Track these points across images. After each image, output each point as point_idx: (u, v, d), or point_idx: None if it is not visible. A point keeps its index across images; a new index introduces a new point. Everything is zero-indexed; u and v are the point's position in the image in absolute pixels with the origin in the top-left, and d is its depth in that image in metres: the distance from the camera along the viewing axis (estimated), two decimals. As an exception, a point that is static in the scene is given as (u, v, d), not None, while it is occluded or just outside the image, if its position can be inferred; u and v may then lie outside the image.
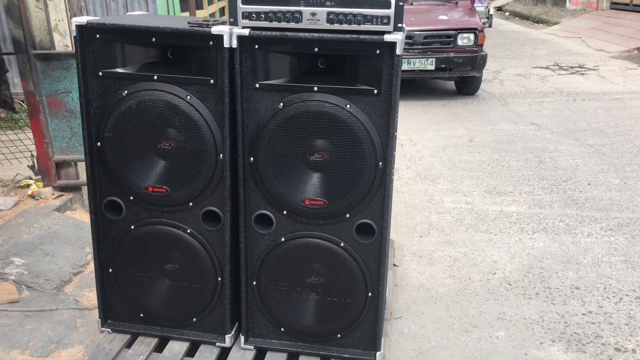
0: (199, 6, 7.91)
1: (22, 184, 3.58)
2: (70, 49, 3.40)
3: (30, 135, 4.17)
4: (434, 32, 7.25)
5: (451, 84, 8.48)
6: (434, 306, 2.83)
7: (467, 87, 7.84)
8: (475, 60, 7.24)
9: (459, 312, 2.77)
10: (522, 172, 4.75)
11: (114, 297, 2.27)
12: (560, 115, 6.70)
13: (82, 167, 3.57)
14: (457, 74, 7.40)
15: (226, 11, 9.80)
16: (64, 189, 3.51)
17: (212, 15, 8.92)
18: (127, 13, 2.23)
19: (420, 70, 7.29)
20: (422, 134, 6.00)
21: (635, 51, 11.28)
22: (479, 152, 5.33)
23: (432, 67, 7.24)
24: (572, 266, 3.19)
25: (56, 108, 3.32)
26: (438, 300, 2.88)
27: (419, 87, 8.51)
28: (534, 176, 4.66)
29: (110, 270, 2.22)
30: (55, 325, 2.48)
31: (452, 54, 7.22)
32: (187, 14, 7.23)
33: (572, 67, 10.16)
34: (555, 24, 17.15)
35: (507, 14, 22.41)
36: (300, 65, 1.95)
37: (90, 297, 2.76)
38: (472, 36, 7.27)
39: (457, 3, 8.23)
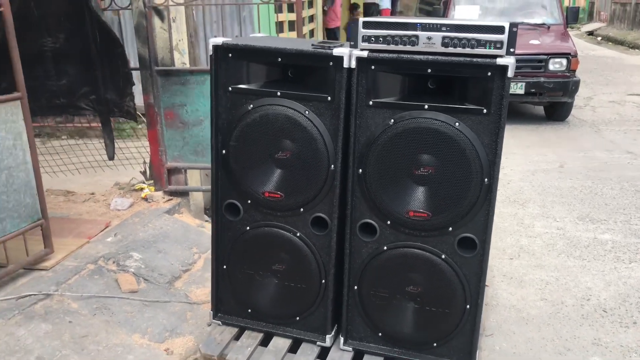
0: (291, 29, 8.28)
1: (136, 188, 3.93)
2: (187, 66, 3.72)
3: (139, 143, 4.57)
4: (525, 57, 7.18)
5: (540, 109, 8.32)
6: (526, 327, 2.84)
7: (557, 112, 7.67)
8: (567, 85, 7.10)
9: (551, 335, 2.77)
10: (617, 201, 4.62)
11: (226, 292, 2.47)
12: (656, 142, 6.42)
13: (191, 175, 3.87)
14: (547, 99, 7.27)
15: (315, 33, 10.14)
16: (173, 193, 3.82)
17: (303, 37, 9.27)
18: (251, 35, 2.47)
19: (510, 94, 7.21)
20: (510, 157, 5.95)
21: None
22: (570, 178, 5.22)
23: (522, 92, 7.16)
24: (673, 298, 3.09)
25: (172, 120, 3.64)
26: (529, 321, 2.88)
27: (507, 111, 8.39)
28: (631, 205, 4.51)
29: (225, 267, 2.43)
30: (169, 316, 2.73)
31: (542, 79, 7.12)
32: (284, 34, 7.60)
33: (671, 95, 9.66)
34: (652, 49, 16.33)
35: (599, 38, 21.57)
36: (410, 84, 2.09)
37: (198, 293, 2.99)
38: (564, 61, 7.14)
39: (549, 27, 8.10)
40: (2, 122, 2.56)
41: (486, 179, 2.01)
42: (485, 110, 1.95)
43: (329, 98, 2.10)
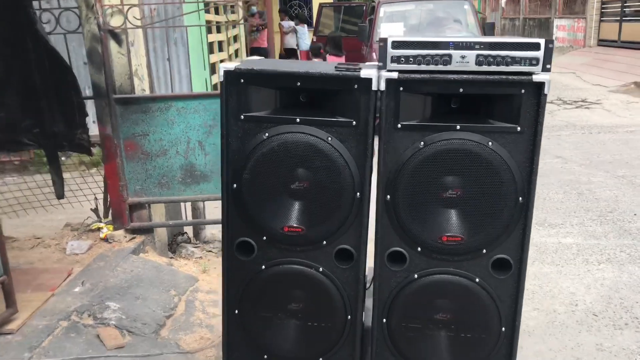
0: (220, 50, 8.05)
1: (92, 228, 3.56)
2: (147, 92, 3.44)
3: (89, 179, 4.18)
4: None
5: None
6: (530, 339, 2.84)
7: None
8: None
9: (557, 345, 2.79)
10: (565, 205, 4.85)
11: (238, 340, 2.25)
12: (582, 147, 6.87)
13: (155, 209, 3.57)
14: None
15: (240, 53, 9.95)
16: (136, 231, 3.50)
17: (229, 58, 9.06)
18: (246, 58, 2.29)
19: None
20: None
21: (632, 85, 11.67)
22: (517, 185, 5.42)
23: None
24: (649, 296, 3.25)
25: (132, 151, 3.34)
26: (531, 333, 2.90)
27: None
28: (579, 208, 4.75)
29: (237, 311, 2.21)
30: (165, 370, 2.45)
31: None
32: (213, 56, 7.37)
33: (575, 102, 10.46)
34: (546, 60, 17.66)
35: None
36: (434, 105, 2.02)
37: (188, 340, 2.73)
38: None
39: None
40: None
41: (521, 198, 1.97)
42: (519, 129, 1.91)
43: (354, 122, 1.98)
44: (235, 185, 2.08)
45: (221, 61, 8.18)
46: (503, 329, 2.11)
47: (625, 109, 9.50)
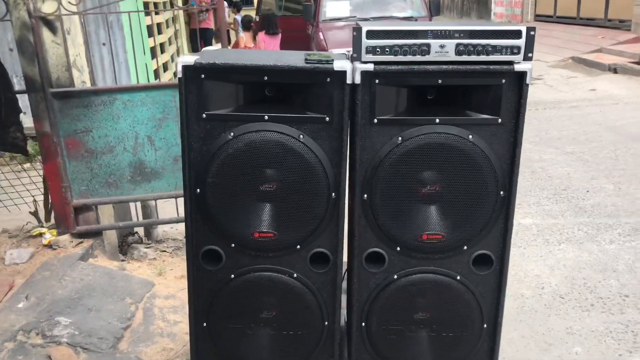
0: (160, 32, 7.66)
1: (34, 233, 3.27)
2: (88, 84, 3.16)
3: (24, 179, 3.85)
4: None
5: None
6: (502, 327, 2.82)
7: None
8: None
9: (528, 331, 2.79)
10: (520, 184, 4.84)
11: (207, 354, 2.10)
12: (530, 124, 6.97)
13: (103, 211, 3.32)
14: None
15: (179, 35, 9.52)
16: (82, 235, 3.24)
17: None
18: (204, 49, 2.09)
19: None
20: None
21: (570, 60, 12.02)
22: (472, 166, 5.45)
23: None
24: (610, 274, 3.30)
25: (75, 149, 3.07)
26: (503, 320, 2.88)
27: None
28: (534, 187, 4.81)
29: (205, 324, 2.05)
30: (127, 390, 2.27)
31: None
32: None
33: (518, 78, 10.66)
34: (486, 36, 17.99)
35: (436, 28, 23.33)
36: (413, 96, 1.90)
37: (149, 353, 2.54)
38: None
39: (416, 19, 8.44)
40: None
41: (502, 192, 1.90)
42: (500, 120, 1.82)
43: (327, 119, 1.83)
44: (198, 190, 1.90)
45: (161, 44, 7.79)
46: (485, 325, 2.06)
47: (566, 84, 9.76)
